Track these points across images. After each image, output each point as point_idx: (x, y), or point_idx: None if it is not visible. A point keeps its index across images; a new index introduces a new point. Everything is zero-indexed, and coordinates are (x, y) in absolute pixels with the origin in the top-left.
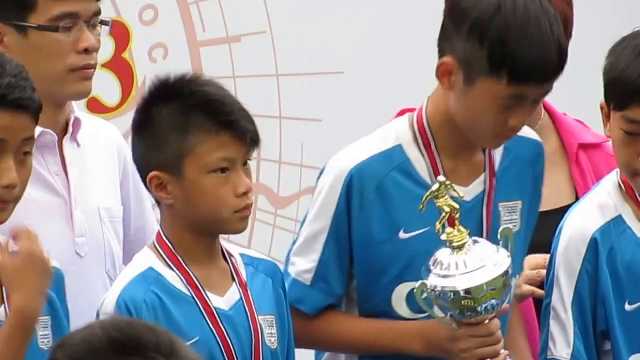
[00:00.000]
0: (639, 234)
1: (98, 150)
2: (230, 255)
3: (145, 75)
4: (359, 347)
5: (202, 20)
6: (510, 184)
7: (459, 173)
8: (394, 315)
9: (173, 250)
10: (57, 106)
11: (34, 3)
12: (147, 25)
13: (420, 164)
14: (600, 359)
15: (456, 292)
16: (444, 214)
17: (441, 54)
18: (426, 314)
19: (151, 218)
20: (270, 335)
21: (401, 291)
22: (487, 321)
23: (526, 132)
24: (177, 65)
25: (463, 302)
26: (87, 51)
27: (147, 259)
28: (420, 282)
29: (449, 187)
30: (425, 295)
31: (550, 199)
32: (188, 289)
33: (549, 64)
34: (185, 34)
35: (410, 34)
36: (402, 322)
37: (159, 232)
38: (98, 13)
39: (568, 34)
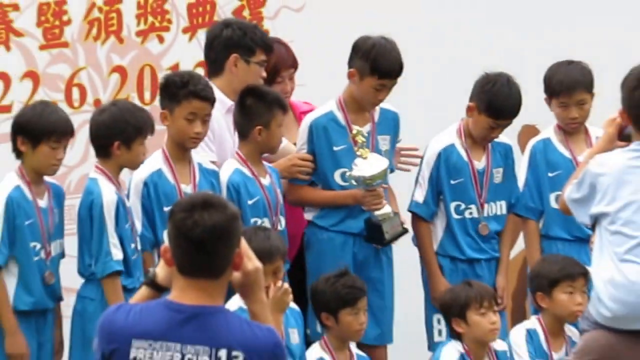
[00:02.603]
0: (461, 152)
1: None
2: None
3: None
4: (324, 203)
5: None
6: (383, 126)
7: (358, 121)
8: (336, 186)
9: (245, 159)
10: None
11: (254, 50)
12: None
13: (341, 117)
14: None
15: (363, 177)
16: (359, 142)
17: (349, 66)
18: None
19: None
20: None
21: (337, 173)
22: (376, 189)
23: (389, 107)
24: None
25: (366, 181)
26: (262, 78)
27: (232, 164)
28: (347, 172)
29: (360, 131)
30: (350, 177)
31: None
32: (252, 176)
33: (389, 65)
34: None
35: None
36: (342, 191)
37: (237, 152)
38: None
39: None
